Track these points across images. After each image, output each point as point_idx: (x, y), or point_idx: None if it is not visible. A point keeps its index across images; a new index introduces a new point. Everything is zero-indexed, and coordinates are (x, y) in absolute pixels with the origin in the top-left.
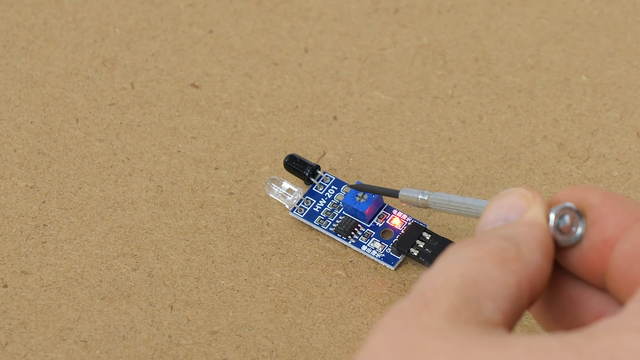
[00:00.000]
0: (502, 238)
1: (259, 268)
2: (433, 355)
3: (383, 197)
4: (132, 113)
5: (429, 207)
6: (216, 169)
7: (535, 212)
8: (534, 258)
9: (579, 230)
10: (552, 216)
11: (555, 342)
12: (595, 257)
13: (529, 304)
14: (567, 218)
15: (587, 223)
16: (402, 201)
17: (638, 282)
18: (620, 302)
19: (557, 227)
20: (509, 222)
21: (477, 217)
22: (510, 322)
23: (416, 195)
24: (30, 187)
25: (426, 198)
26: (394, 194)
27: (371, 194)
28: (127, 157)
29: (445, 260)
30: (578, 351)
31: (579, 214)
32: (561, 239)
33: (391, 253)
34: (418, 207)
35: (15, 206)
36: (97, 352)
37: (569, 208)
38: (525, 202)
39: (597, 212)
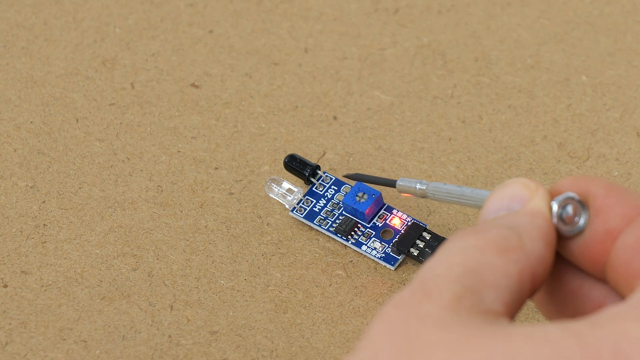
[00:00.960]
0: (504, 227)
1: (259, 268)
2: (434, 347)
3: (383, 197)
4: (132, 113)
5: (427, 197)
6: (216, 169)
7: (537, 202)
8: (536, 247)
9: (582, 221)
10: (555, 206)
11: (557, 331)
12: (597, 248)
13: (530, 293)
14: (570, 208)
15: (591, 213)
16: (399, 191)
17: (639, 275)
18: (619, 293)
19: (560, 217)
20: (511, 212)
21: (477, 207)
22: (511, 312)
23: (414, 185)
24: (30, 187)
25: (424, 188)
26: (391, 183)
27: (371, 194)
28: (127, 157)
29: (447, 249)
30: (581, 339)
31: (582, 204)
32: (564, 229)
33: (391, 253)
34: (416, 196)
35: (15, 206)
36: (97, 352)
37: (572, 198)
38: (528, 192)
39: (601, 202)
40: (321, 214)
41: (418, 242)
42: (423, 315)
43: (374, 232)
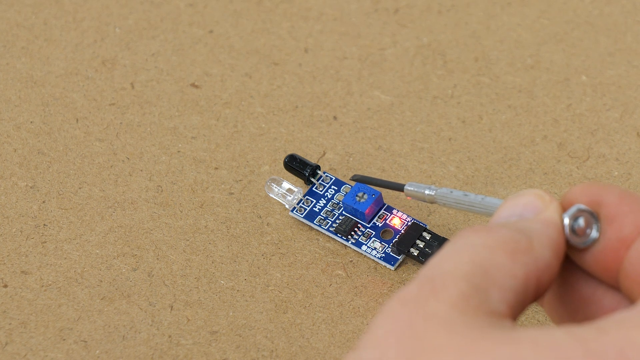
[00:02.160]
0: (515, 230)
1: (259, 268)
2: (439, 349)
3: (383, 197)
4: (132, 113)
5: (436, 203)
6: (216, 169)
7: (550, 212)
8: (544, 253)
9: (594, 233)
10: (566, 219)
11: (563, 335)
12: (610, 256)
13: (533, 299)
14: (581, 220)
15: (603, 221)
16: (407, 195)
17: None
18: (631, 300)
19: (572, 229)
20: (524, 219)
21: (486, 215)
22: (514, 314)
23: (422, 191)
24: (30, 187)
25: (433, 194)
26: (399, 187)
27: (371, 194)
28: (127, 157)
29: (456, 245)
30: (586, 345)
31: (593, 215)
32: (576, 241)
33: (391, 253)
34: (424, 202)
35: (15, 206)
36: (97, 352)
37: (583, 210)
38: (542, 203)
39: (614, 210)
40: (321, 214)
41: (418, 242)
42: (430, 315)
43: (374, 232)
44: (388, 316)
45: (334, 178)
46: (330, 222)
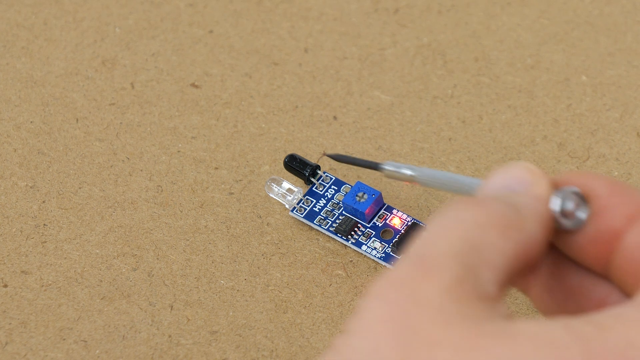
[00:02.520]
0: (505, 204)
1: (259, 268)
2: (435, 344)
3: (383, 197)
4: (132, 113)
5: (417, 182)
6: (216, 169)
7: (541, 188)
8: (534, 229)
9: (583, 216)
10: (557, 199)
11: (562, 333)
12: (601, 246)
13: (519, 277)
14: (571, 202)
15: (593, 211)
16: (387, 176)
17: None
18: (624, 291)
19: (561, 210)
20: (514, 192)
21: (467, 195)
22: (502, 295)
23: (402, 170)
24: (30, 187)
25: (414, 174)
26: (375, 166)
27: (371, 194)
28: (127, 157)
29: (445, 220)
30: (587, 345)
31: (583, 199)
32: (564, 222)
33: (391, 253)
34: (404, 181)
35: (15, 206)
36: (97, 352)
37: (574, 192)
38: (532, 177)
39: (604, 201)
40: (321, 213)
41: None
42: (422, 300)
43: (374, 232)
44: (377, 299)
45: (334, 178)
46: (330, 222)
